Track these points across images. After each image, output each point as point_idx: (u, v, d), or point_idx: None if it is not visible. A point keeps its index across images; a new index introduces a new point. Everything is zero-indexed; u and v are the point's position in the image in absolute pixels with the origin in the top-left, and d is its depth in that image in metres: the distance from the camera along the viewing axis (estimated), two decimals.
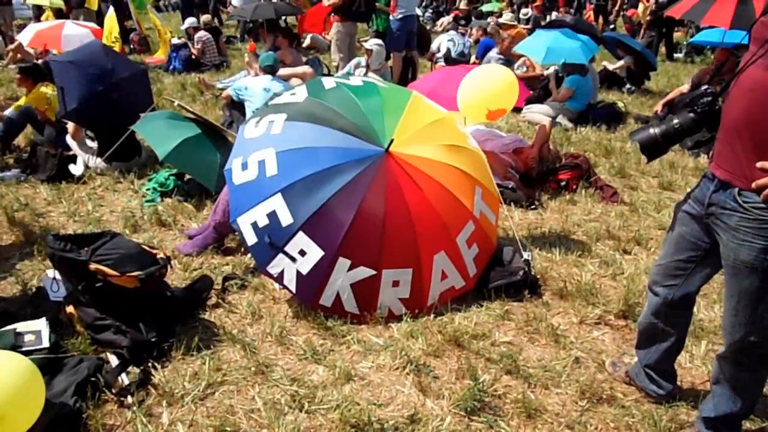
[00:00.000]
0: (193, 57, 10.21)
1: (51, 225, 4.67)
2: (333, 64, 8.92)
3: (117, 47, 6.66)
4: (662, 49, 13.43)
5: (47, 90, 6.40)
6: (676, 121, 2.21)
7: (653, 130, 2.25)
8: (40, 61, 7.43)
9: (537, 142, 5.26)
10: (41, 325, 2.86)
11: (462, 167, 3.34)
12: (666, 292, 2.38)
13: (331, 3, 8.49)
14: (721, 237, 2.10)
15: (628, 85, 9.55)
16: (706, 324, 3.31)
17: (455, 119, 3.68)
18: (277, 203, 3.00)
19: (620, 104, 8.10)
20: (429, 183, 3.17)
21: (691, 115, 2.18)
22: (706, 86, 2.19)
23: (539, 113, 7.27)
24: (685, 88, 7.55)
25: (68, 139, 5.79)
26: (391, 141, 3.11)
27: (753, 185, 1.92)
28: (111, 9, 6.86)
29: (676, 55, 13.88)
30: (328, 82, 3.47)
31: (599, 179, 5.38)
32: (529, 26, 13.22)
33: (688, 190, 5.17)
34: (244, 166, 3.15)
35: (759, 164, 1.89)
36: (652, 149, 2.27)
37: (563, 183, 5.24)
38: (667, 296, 2.38)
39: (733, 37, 8.56)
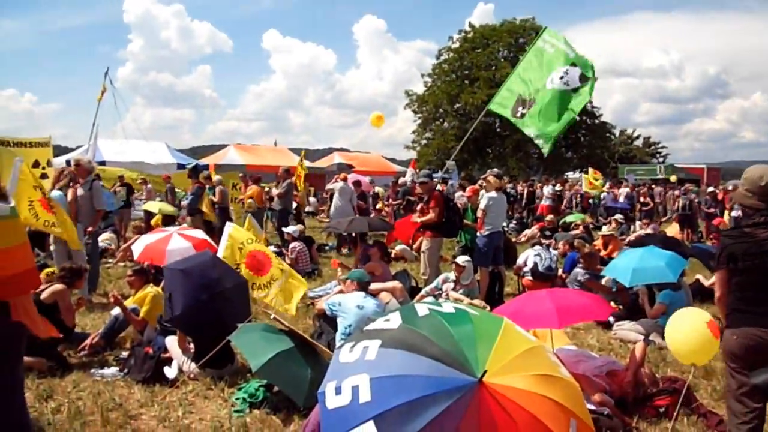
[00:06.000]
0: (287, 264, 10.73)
1: (141, 429, 4.77)
2: (423, 277, 9.12)
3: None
4: None
5: (153, 292, 6.82)
6: None
7: None
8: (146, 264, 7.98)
9: (632, 365, 5.10)
10: None
11: (556, 398, 3.26)
12: None
13: (423, 220, 8.90)
14: None
15: None
16: None
17: (546, 348, 3.66)
18: (370, 431, 2.98)
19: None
20: (523, 415, 3.09)
21: None
22: None
23: (631, 331, 7.11)
24: None
25: (168, 341, 6.05)
26: (485, 372, 3.11)
27: None
28: (228, 226, 7.44)
29: None
30: (422, 309, 3.57)
31: (701, 405, 5.08)
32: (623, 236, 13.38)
33: None
34: (338, 391, 3.18)
35: None
36: None
37: (662, 409, 4.97)
38: None
39: None
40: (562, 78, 9.51)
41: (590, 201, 23.37)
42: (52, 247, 8.95)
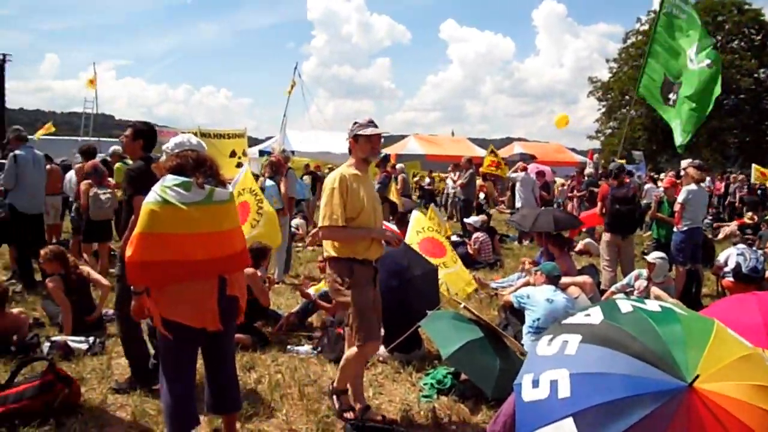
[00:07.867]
0: (470, 254, 10.81)
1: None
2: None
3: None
4: None
5: None
6: None
7: None
8: None
9: None
10: None
11: None
12: None
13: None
14: None
15: None
16: None
17: (764, 356, 3.37)
18: (568, 427, 2.93)
19: None
20: (737, 427, 2.88)
21: None
22: None
23: None
24: None
25: None
26: (696, 376, 2.93)
27: None
28: (415, 212, 7.95)
29: None
30: (624, 305, 3.44)
31: None
32: None
33: None
34: (535, 384, 3.16)
35: None
36: None
37: None
38: None
39: None
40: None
41: (758, 192, 21.42)
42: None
